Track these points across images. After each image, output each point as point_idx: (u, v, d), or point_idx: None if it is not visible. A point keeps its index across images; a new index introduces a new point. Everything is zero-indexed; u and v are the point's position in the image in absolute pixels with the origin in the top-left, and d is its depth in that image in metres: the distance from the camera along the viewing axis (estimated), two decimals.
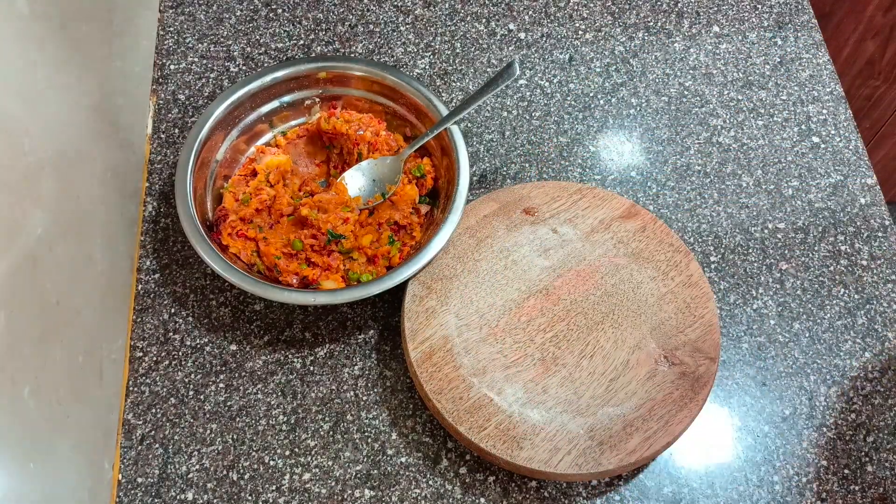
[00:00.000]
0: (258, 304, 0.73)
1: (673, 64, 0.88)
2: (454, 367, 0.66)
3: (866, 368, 0.71)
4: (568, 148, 0.82)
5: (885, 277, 0.76)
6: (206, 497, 0.65)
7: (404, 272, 0.67)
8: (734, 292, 0.75)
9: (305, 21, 0.89)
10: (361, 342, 0.72)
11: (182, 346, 0.71)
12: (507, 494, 0.65)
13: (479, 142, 0.82)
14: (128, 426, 0.68)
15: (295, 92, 0.78)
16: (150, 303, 0.73)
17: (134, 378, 0.70)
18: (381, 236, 0.73)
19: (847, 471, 0.67)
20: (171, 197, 0.78)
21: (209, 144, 0.74)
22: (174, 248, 0.76)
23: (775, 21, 0.91)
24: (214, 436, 0.67)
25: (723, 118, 0.84)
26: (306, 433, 0.68)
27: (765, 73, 0.87)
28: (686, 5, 0.92)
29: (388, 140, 0.77)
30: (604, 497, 0.66)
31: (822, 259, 0.77)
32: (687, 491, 0.66)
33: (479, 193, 0.79)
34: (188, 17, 0.89)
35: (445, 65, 0.87)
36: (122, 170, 0.77)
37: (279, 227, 0.74)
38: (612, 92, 0.86)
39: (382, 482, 0.66)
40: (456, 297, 0.69)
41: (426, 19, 0.90)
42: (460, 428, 0.63)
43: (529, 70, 0.87)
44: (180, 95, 0.84)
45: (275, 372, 0.70)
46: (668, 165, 0.82)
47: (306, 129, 0.79)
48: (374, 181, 0.76)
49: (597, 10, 0.91)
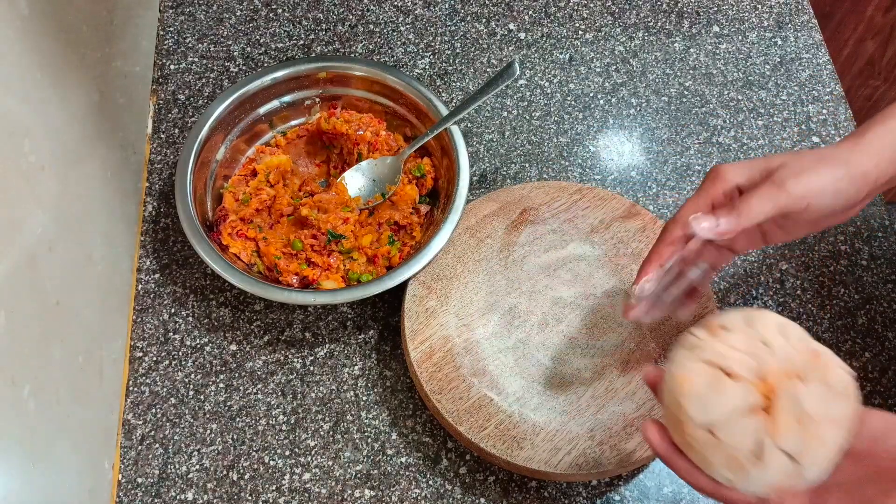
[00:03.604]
0: (258, 304, 0.73)
1: (673, 64, 0.88)
2: (454, 367, 0.66)
3: (866, 368, 0.71)
4: (568, 148, 0.82)
5: (885, 277, 0.76)
6: (206, 497, 0.65)
7: (404, 272, 0.67)
8: (734, 292, 0.75)
9: (305, 21, 0.89)
10: (361, 342, 0.72)
11: (182, 346, 0.71)
12: (507, 494, 0.65)
13: (479, 142, 0.82)
14: (128, 426, 0.68)
15: (295, 92, 0.78)
16: (150, 303, 0.73)
17: (134, 378, 0.70)
18: (381, 236, 0.73)
19: None
20: (171, 197, 0.78)
21: (209, 144, 0.74)
22: (174, 248, 0.76)
23: (775, 21, 0.91)
24: (214, 436, 0.67)
25: (723, 118, 0.84)
26: (306, 433, 0.68)
27: (765, 73, 0.87)
28: (686, 5, 0.92)
29: (388, 140, 0.77)
30: (604, 497, 0.66)
31: (822, 259, 0.77)
32: (687, 491, 0.66)
33: (479, 193, 0.79)
34: (188, 17, 0.89)
35: (445, 65, 0.87)
36: (122, 170, 0.77)
37: (279, 227, 0.74)
38: (612, 92, 0.86)
39: (382, 482, 0.66)
40: (456, 297, 0.69)
41: (426, 19, 0.90)
42: (460, 428, 0.63)
43: (529, 70, 0.87)
44: (180, 95, 0.84)
45: (275, 372, 0.70)
46: (668, 165, 0.82)
47: (306, 129, 0.79)
48: (374, 181, 0.76)
49: (597, 10, 0.91)
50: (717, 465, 0.45)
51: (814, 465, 0.44)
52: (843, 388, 0.45)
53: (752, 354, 0.45)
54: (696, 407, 0.45)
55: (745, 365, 0.45)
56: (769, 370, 0.45)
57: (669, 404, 0.47)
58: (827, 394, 0.44)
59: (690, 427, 0.45)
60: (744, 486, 0.45)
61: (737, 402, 0.44)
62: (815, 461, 0.44)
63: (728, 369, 0.45)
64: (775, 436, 0.43)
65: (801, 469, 0.44)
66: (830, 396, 0.44)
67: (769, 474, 0.44)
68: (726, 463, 0.44)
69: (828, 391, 0.44)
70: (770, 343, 0.46)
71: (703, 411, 0.44)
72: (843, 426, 0.44)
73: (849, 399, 0.45)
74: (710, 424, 0.44)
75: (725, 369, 0.45)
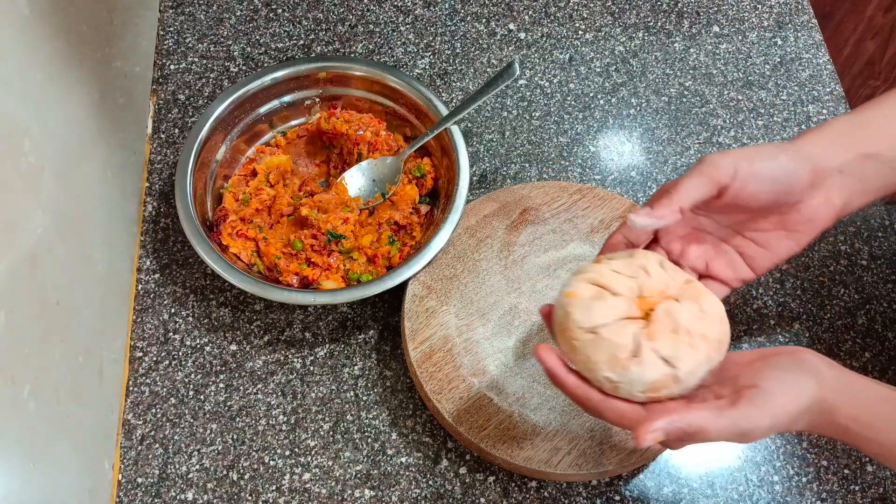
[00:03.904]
0: (258, 304, 0.73)
1: (673, 64, 0.88)
2: (454, 367, 0.66)
3: (866, 368, 0.71)
4: (568, 148, 0.82)
5: (885, 277, 0.76)
6: (206, 497, 0.65)
7: (404, 272, 0.67)
8: (734, 292, 0.74)
9: (305, 21, 0.89)
10: (361, 342, 0.72)
11: (182, 346, 0.71)
12: (507, 494, 0.65)
13: (479, 142, 0.82)
14: (128, 426, 0.68)
15: (295, 92, 0.78)
16: (150, 303, 0.73)
17: (134, 378, 0.70)
18: (381, 236, 0.73)
19: (847, 471, 0.67)
20: (171, 197, 0.78)
21: (209, 144, 0.74)
22: (174, 248, 0.76)
23: (775, 21, 0.91)
24: (214, 436, 0.67)
25: (723, 118, 0.84)
26: (306, 433, 0.68)
27: (765, 73, 0.87)
28: (686, 5, 0.92)
29: (388, 140, 0.77)
30: (604, 497, 0.66)
31: (822, 259, 0.77)
32: (687, 491, 0.66)
33: (479, 193, 0.79)
34: (188, 17, 0.89)
35: (445, 65, 0.87)
36: (122, 170, 0.77)
37: (279, 227, 0.74)
38: (612, 92, 0.86)
39: (382, 482, 0.66)
40: (456, 297, 0.69)
41: (426, 19, 0.90)
42: (460, 428, 0.63)
43: (529, 70, 0.87)
44: (180, 95, 0.84)
45: (275, 372, 0.70)
46: (668, 165, 0.82)
47: (306, 129, 0.79)
48: (374, 181, 0.76)
49: (597, 10, 0.91)
50: (600, 363, 0.48)
51: (687, 370, 0.48)
52: (715, 313, 0.50)
53: (633, 278, 0.51)
54: (581, 313, 0.49)
55: (626, 285, 0.50)
56: (648, 291, 0.50)
57: (558, 319, 0.51)
58: (699, 313, 0.49)
59: (576, 332, 0.49)
60: (625, 386, 0.48)
61: (618, 310, 0.49)
62: (687, 366, 0.48)
63: (611, 288, 0.50)
64: (652, 340, 0.48)
65: (675, 372, 0.48)
66: (702, 316, 0.49)
67: (647, 372, 0.47)
68: (608, 361, 0.48)
69: (700, 312, 0.49)
70: (649, 271, 0.51)
71: (587, 316, 0.49)
72: (712, 342, 0.49)
73: (719, 322, 0.50)
74: (592, 325, 0.49)
75: (609, 288, 0.50)
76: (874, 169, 0.53)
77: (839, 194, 0.53)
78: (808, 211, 0.53)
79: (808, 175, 0.52)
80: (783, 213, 0.53)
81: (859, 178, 0.53)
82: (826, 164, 0.52)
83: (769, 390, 0.47)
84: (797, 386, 0.47)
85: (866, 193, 0.54)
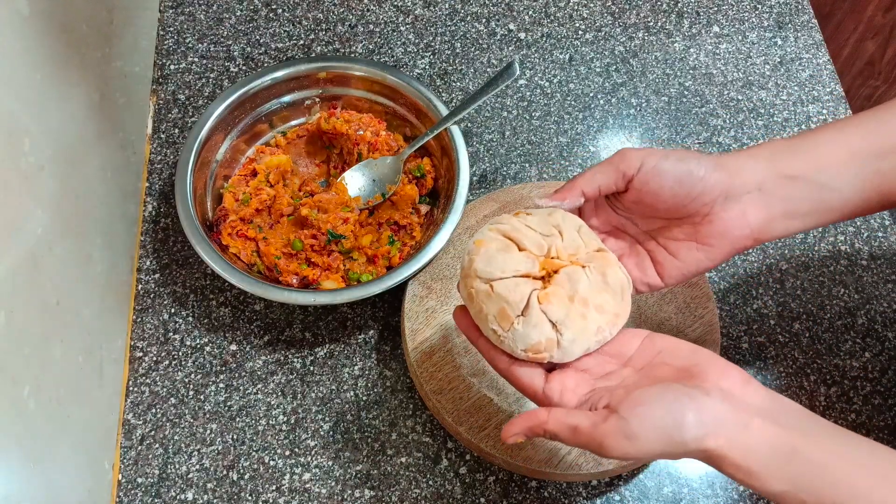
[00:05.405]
0: (258, 304, 0.73)
1: (673, 64, 0.88)
2: (454, 367, 0.66)
3: (866, 368, 0.71)
4: (568, 148, 0.82)
5: (885, 277, 0.76)
6: (206, 497, 0.65)
7: (404, 272, 0.67)
8: (734, 292, 0.75)
9: (305, 21, 0.89)
10: (361, 342, 0.72)
11: (182, 346, 0.71)
12: (507, 494, 0.65)
13: (479, 142, 0.82)
14: (128, 426, 0.68)
15: (295, 92, 0.78)
16: (150, 303, 0.73)
17: (134, 378, 0.70)
18: (381, 236, 0.73)
19: None
20: (171, 197, 0.78)
21: (209, 144, 0.74)
22: (174, 248, 0.76)
23: (775, 21, 0.91)
24: (214, 436, 0.67)
25: (723, 118, 0.84)
26: (306, 433, 0.68)
27: (765, 73, 0.87)
28: (686, 5, 0.92)
29: (388, 140, 0.77)
30: (604, 497, 0.66)
31: (822, 259, 0.77)
32: (687, 491, 0.66)
33: (479, 193, 0.79)
34: (188, 17, 0.89)
35: (445, 65, 0.87)
36: (122, 170, 0.77)
37: (279, 227, 0.74)
38: (612, 92, 0.86)
39: (382, 482, 0.66)
40: (456, 297, 0.69)
41: (426, 19, 0.90)
42: (460, 428, 0.63)
43: (529, 70, 0.87)
44: (180, 95, 0.84)
45: (275, 372, 0.70)
46: None
47: (306, 129, 0.79)
48: (374, 181, 0.76)
49: (597, 10, 0.91)
50: (490, 315, 0.49)
51: (571, 337, 0.48)
52: (618, 286, 0.50)
53: (546, 237, 0.51)
54: (482, 262, 0.50)
55: (536, 242, 0.50)
56: (557, 252, 0.50)
57: (463, 265, 0.52)
58: (601, 284, 0.50)
59: (474, 280, 0.50)
60: (508, 342, 0.49)
61: (519, 266, 0.49)
62: (572, 334, 0.48)
63: (519, 242, 0.50)
64: (544, 301, 0.48)
65: (559, 338, 0.48)
66: (604, 287, 0.50)
67: (531, 333, 0.48)
68: (497, 314, 0.49)
69: (603, 283, 0.50)
70: (563, 233, 0.51)
71: (487, 267, 0.50)
72: (607, 315, 0.49)
73: (620, 296, 0.50)
74: (490, 277, 0.49)
75: (517, 242, 0.50)
76: (801, 192, 0.52)
77: (756, 212, 0.52)
78: (720, 224, 0.52)
79: (719, 185, 0.51)
80: (696, 222, 0.53)
81: (782, 198, 0.52)
82: (744, 179, 0.52)
83: (638, 428, 0.43)
84: (669, 434, 0.43)
85: (794, 217, 0.52)
